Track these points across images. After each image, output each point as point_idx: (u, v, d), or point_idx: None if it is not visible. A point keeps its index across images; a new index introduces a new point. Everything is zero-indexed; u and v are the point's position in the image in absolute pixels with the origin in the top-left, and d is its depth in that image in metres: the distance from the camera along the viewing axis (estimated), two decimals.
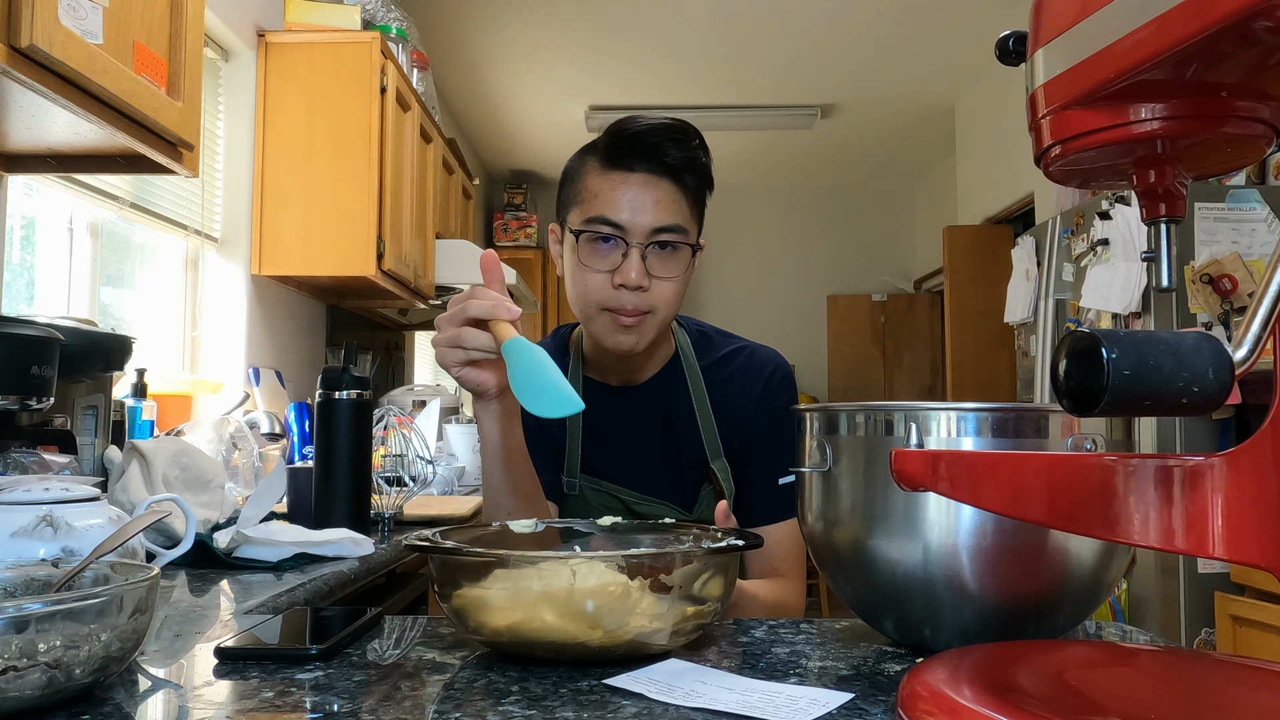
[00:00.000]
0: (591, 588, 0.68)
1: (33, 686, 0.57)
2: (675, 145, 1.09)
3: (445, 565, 0.74)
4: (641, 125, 1.09)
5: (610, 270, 1.09)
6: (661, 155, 1.08)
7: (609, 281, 1.09)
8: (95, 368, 1.58)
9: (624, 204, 1.08)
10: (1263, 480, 0.50)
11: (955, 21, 4.33)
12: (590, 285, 1.10)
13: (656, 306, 1.11)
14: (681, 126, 1.11)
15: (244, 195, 2.79)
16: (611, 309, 1.10)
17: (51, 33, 1.15)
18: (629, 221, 1.08)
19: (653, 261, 1.09)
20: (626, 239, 1.08)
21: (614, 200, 1.08)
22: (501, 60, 4.77)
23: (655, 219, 1.08)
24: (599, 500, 1.22)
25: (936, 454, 0.58)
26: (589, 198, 1.11)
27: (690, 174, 1.11)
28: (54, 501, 0.88)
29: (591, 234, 1.09)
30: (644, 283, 1.08)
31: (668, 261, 1.10)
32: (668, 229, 1.09)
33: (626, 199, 1.08)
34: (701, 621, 0.75)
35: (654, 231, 1.08)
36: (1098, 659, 0.66)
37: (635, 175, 1.09)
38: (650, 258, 1.09)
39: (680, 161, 1.10)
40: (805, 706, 0.61)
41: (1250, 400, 2.35)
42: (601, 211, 1.08)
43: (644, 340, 1.12)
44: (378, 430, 2.40)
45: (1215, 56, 0.48)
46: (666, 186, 1.09)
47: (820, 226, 7.09)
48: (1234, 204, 2.79)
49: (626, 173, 1.09)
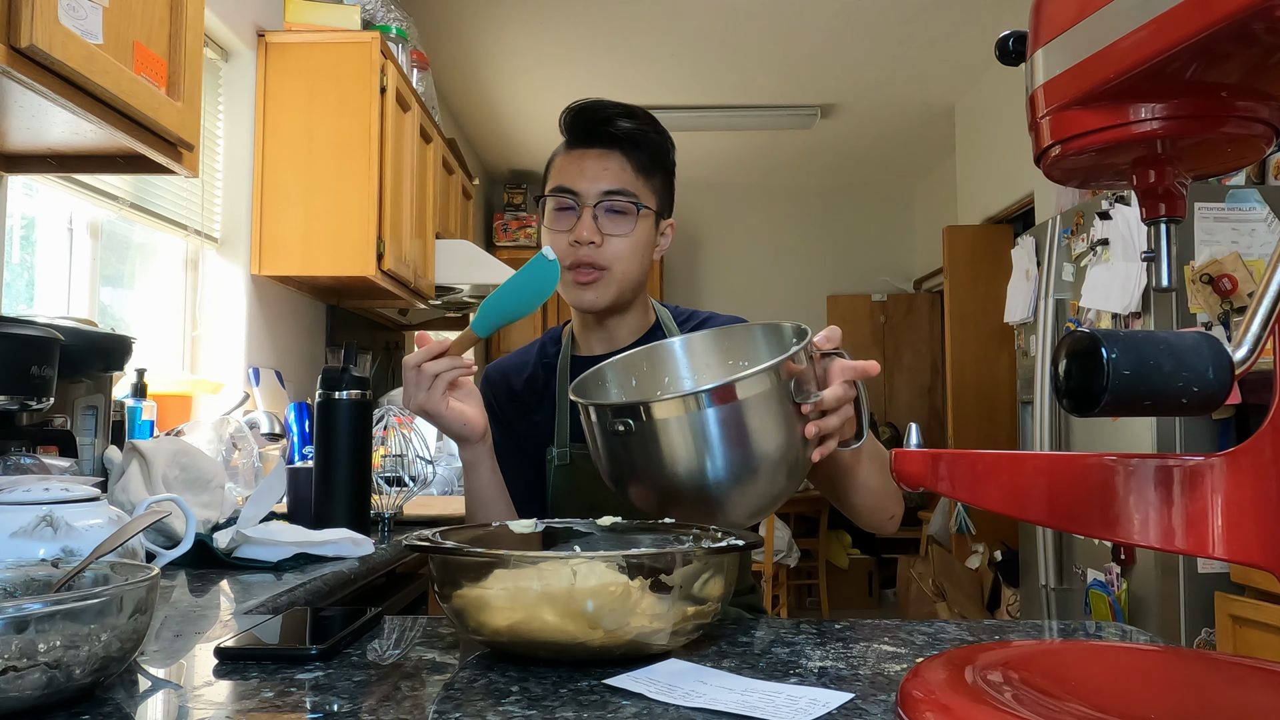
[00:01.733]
0: (592, 588, 0.68)
1: (33, 686, 0.57)
2: (626, 119, 1.26)
3: (445, 565, 0.74)
4: (593, 103, 1.27)
5: (568, 230, 1.25)
6: (610, 127, 1.25)
7: (567, 241, 1.24)
8: (95, 368, 1.58)
9: (578, 173, 1.25)
10: (1263, 480, 0.50)
11: (955, 21, 4.33)
12: (555, 247, 1.21)
13: (611, 263, 1.25)
14: (632, 107, 1.28)
15: (244, 195, 2.79)
16: (572, 267, 1.25)
17: (51, 33, 1.15)
18: (582, 187, 1.24)
19: (604, 221, 1.24)
20: (580, 202, 1.24)
21: (571, 171, 1.26)
22: (501, 60, 4.77)
23: (605, 184, 1.24)
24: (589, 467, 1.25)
25: (937, 454, 0.58)
26: (555, 173, 1.29)
27: (641, 150, 1.27)
28: (54, 502, 0.88)
29: (554, 201, 1.27)
30: (595, 238, 1.23)
31: (617, 221, 1.25)
32: (615, 192, 1.24)
33: (581, 169, 1.25)
34: (701, 621, 0.75)
35: (603, 195, 1.24)
36: (1098, 659, 0.66)
37: (591, 151, 1.26)
38: (601, 218, 1.24)
39: (627, 134, 1.25)
40: (805, 706, 0.61)
41: (1250, 400, 2.35)
42: (561, 181, 1.26)
43: (603, 297, 1.26)
44: (378, 430, 2.40)
45: (1215, 56, 0.48)
46: (616, 157, 1.26)
47: (820, 226, 7.08)
48: (1234, 204, 2.79)
49: (584, 149, 1.27)
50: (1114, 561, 2.89)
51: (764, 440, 0.92)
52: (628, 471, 0.96)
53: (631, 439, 0.92)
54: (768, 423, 0.91)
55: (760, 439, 0.91)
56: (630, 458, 0.94)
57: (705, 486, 0.92)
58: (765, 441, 0.92)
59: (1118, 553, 2.88)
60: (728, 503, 0.94)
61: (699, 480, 0.92)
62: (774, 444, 0.92)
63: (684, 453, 0.91)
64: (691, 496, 0.93)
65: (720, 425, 0.90)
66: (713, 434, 0.90)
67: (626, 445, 0.93)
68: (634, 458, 0.94)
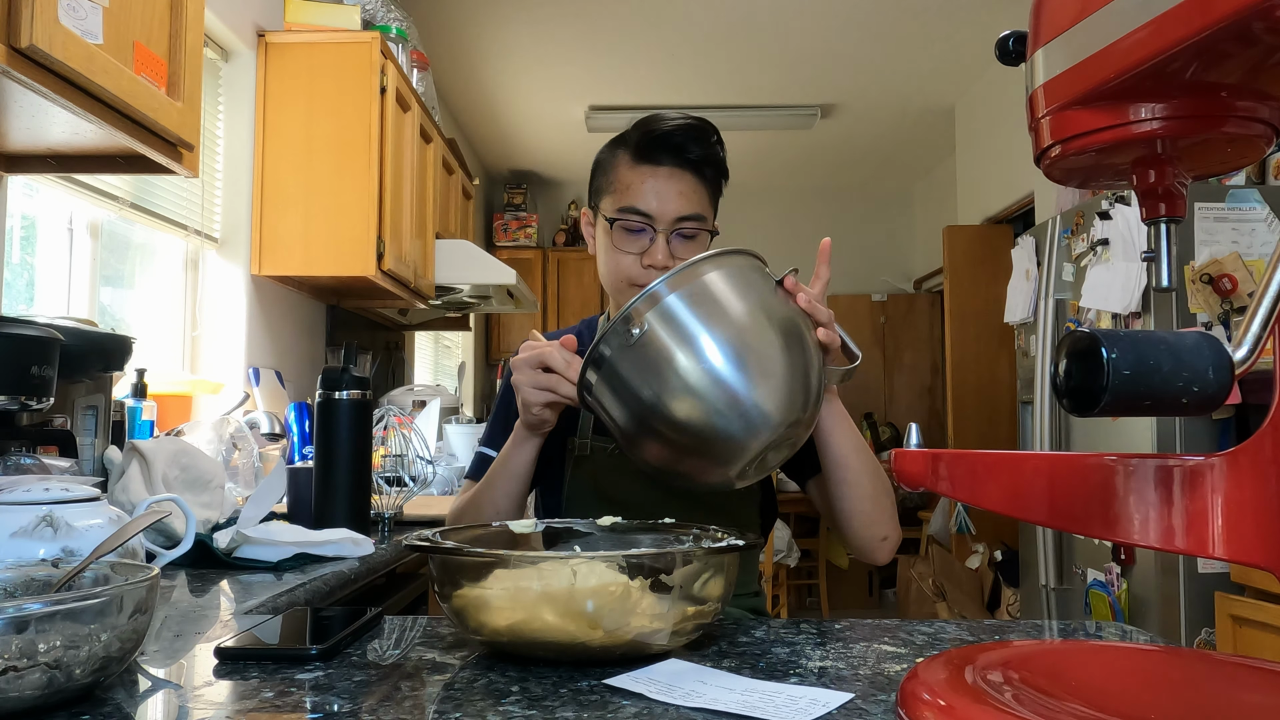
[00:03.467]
0: (592, 588, 0.68)
1: (33, 687, 0.57)
2: (697, 143, 1.24)
3: (445, 565, 0.74)
4: (668, 125, 1.24)
5: (639, 253, 1.23)
6: (685, 152, 1.23)
7: (639, 262, 1.23)
8: (95, 368, 1.58)
9: (651, 195, 1.23)
10: (1263, 480, 0.50)
11: (955, 21, 4.33)
12: (622, 265, 1.24)
13: None
14: (702, 126, 1.26)
15: (244, 195, 2.79)
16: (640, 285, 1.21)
17: (51, 33, 1.15)
18: (656, 211, 1.22)
19: (676, 245, 1.24)
20: (654, 226, 1.23)
21: (643, 192, 1.23)
22: (501, 60, 4.77)
23: (679, 209, 1.23)
24: (610, 461, 1.26)
25: (937, 454, 0.58)
26: (621, 188, 1.25)
27: (709, 168, 1.26)
28: (54, 502, 0.88)
29: (624, 222, 1.24)
30: (670, 263, 1.22)
31: (689, 245, 1.25)
32: (689, 218, 1.23)
33: (654, 191, 1.23)
34: (701, 621, 0.75)
35: (677, 220, 1.23)
36: (1098, 659, 0.66)
37: (661, 169, 1.23)
38: (674, 242, 1.24)
39: (701, 157, 1.24)
40: (805, 706, 0.61)
41: (1250, 400, 2.35)
42: (632, 202, 1.23)
43: None
44: (378, 430, 2.40)
45: (1215, 56, 0.48)
46: (689, 179, 1.24)
47: (820, 226, 7.07)
48: (1234, 204, 2.79)
49: (654, 166, 1.23)
50: (1114, 561, 2.89)
51: (766, 309, 0.93)
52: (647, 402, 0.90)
53: (648, 342, 0.90)
54: (764, 292, 0.95)
55: (763, 308, 0.93)
56: (646, 375, 0.90)
57: (723, 380, 0.88)
58: (768, 310, 0.93)
59: (1118, 553, 2.88)
60: (750, 400, 0.89)
61: (716, 372, 0.88)
62: (778, 314, 0.93)
63: (696, 329, 0.89)
64: (716, 406, 0.88)
65: (723, 283, 0.93)
66: (720, 292, 0.92)
67: (643, 358, 0.90)
68: (649, 372, 0.90)
